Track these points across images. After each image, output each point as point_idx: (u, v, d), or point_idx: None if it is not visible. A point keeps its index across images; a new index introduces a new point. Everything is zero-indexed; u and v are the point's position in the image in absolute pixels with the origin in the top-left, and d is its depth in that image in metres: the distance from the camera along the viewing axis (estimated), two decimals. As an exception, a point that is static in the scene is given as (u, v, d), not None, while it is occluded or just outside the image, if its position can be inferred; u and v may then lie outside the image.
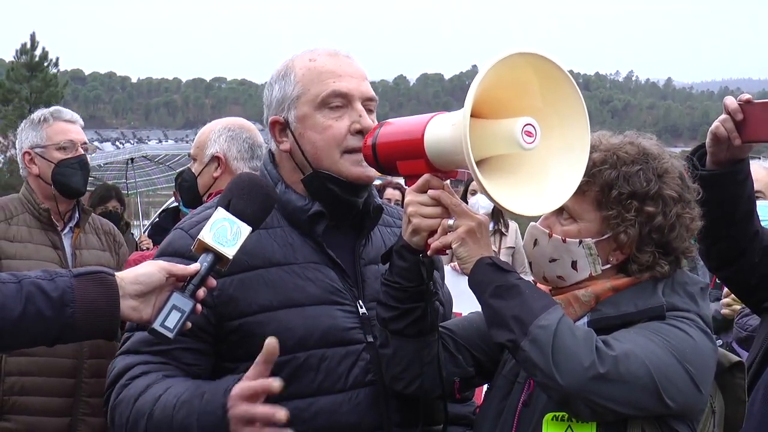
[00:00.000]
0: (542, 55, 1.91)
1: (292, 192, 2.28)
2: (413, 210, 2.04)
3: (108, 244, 3.98)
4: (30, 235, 3.70)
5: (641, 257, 2.06)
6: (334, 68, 2.26)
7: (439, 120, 2.01)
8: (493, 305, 1.95)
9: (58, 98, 31.31)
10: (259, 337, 2.13)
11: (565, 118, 1.97)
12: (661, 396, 1.88)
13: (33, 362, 3.57)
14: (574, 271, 2.09)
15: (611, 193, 2.05)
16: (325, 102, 2.23)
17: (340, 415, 2.15)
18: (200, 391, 1.99)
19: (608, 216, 2.05)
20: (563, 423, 1.98)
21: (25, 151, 3.83)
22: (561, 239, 2.09)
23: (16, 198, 3.83)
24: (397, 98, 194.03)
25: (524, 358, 1.89)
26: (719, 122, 2.58)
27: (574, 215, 2.09)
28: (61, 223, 3.81)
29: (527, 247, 2.17)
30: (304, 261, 2.23)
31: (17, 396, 3.58)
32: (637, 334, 1.94)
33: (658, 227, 2.05)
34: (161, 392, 2.04)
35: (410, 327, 2.11)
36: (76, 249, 3.81)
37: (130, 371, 2.13)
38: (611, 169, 2.06)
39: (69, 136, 3.83)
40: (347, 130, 2.23)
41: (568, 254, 2.08)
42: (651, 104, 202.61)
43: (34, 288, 1.80)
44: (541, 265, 2.13)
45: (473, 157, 1.84)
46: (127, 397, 2.08)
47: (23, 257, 3.59)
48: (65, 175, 3.76)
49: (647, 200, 2.05)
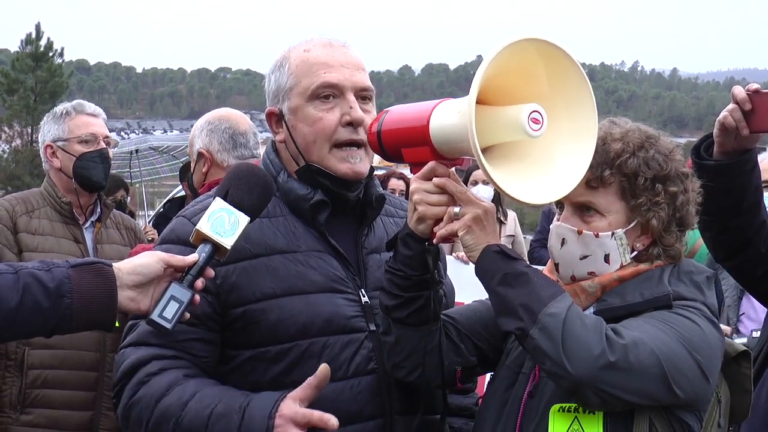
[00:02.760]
0: (550, 42, 1.89)
1: (294, 181, 2.28)
2: (419, 198, 2.02)
3: (129, 239, 4.00)
4: (52, 228, 3.71)
5: (668, 238, 2.06)
6: (326, 59, 2.24)
7: (445, 107, 1.99)
8: (500, 293, 1.93)
9: (63, 88, 31.27)
10: (261, 324, 2.15)
11: (572, 105, 1.95)
12: (670, 385, 1.87)
13: (55, 355, 3.58)
14: (607, 265, 2.06)
15: (638, 180, 2.04)
16: (316, 93, 2.22)
17: (341, 403, 2.14)
18: (237, 404, 2.00)
19: (638, 204, 2.04)
20: (570, 414, 1.97)
21: (47, 145, 3.83)
22: (593, 234, 2.06)
23: (38, 191, 3.84)
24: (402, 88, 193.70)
25: (533, 347, 1.87)
26: (727, 112, 2.57)
27: (601, 210, 2.06)
28: (83, 217, 3.82)
29: (554, 248, 2.12)
30: (307, 249, 2.23)
31: (40, 389, 3.59)
32: (645, 323, 1.93)
33: (681, 205, 2.06)
34: (188, 397, 2.04)
35: (413, 315, 2.10)
36: (98, 243, 3.82)
37: (146, 366, 2.12)
38: (632, 157, 2.04)
39: (91, 129, 3.84)
40: (338, 122, 2.21)
41: (600, 248, 2.06)
42: (656, 94, 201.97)
43: (31, 278, 1.80)
44: (571, 264, 2.09)
45: (479, 145, 1.82)
46: (148, 396, 2.08)
47: (45, 250, 3.60)
48: (86, 168, 3.76)
49: (668, 181, 2.05)
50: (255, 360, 2.17)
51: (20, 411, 3.57)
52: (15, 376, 3.57)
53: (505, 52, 1.84)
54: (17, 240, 3.61)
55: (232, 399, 2.02)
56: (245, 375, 2.17)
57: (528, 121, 1.86)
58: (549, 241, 2.15)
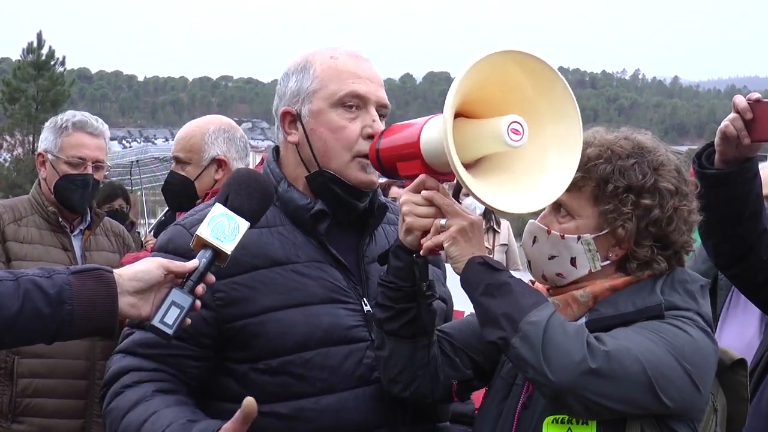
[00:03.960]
0: (522, 52, 1.91)
1: (294, 190, 2.27)
2: (407, 209, 2.04)
3: (118, 245, 3.96)
4: (40, 236, 3.66)
5: (639, 252, 2.04)
6: (354, 69, 2.25)
7: (434, 122, 2.01)
8: (483, 303, 1.94)
9: (64, 97, 31.36)
10: (261, 338, 2.14)
11: (555, 114, 1.97)
12: (656, 393, 1.86)
13: (45, 364, 3.56)
14: (573, 268, 2.07)
15: (607, 187, 2.04)
16: (342, 101, 2.22)
17: (345, 413, 2.14)
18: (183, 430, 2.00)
19: (605, 211, 2.04)
20: (563, 425, 1.96)
21: (39, 152, 3.78)
22: (560, 235, 2.07)
23: (26, 199, 3.78)
24: (403, 96, 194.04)
25: (515, 355, 1.88)
26: (728, 121, 2.59)
27: (571, 212, 2.08)
28: (71, 226, 3.78)
29: (526, 245, 2.16)
30: (307, 260, 2.23)
31: (30, 398, 3.56)
32: (634, 332, 1.92)
33: (655, 220, 2.03)
34: (147, 416, 2.04)
35: (405, 328, 2.10)
36: (87, 251, 3.78)
37: (123, 378, 2.13)
38: (606, 164, 2.04)
39: (82, 152, 3.70)
40: (359, 134, 2.22)
41: (567, 251, 2.07)
42: (658, 102, 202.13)
43: (32, 285, 1.80)
44: (540, 262, 2.12)
45: (462, 158, 1.85)
46: (118, 408, 2.10)
47: (33, 258, 3.55)
48: (66, 190, 3.69)
49: (643, 193, 2.03)
50: (256, 373, 2.16)
51: (11, 420, 3.56)
52: (5, 385, 3.56)
53: (480, 67, 1.86)
54: (5, 248, 3.57)
55: (179, 427, 2.00)
56: (248, 387, 2.15)
57: (507, 131, 1.88)
58: (523, 239, 2.17)
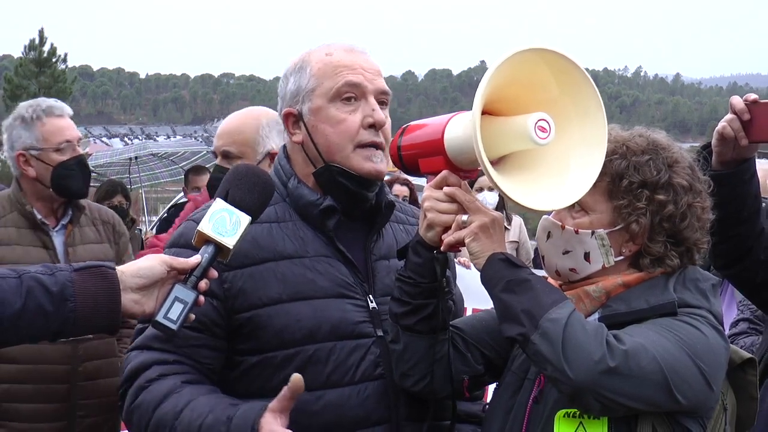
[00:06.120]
0: (554, 51, 1.91)
1: (304, 186, 2.29)
2: (429, 205, 2.06)
3: (106, 234, 3.84)
4: (19, 236, 3.57)
5: (653, 247, 2.05)
6: (349, 63, 2.27)
7: (460, 118, 2.03)
8: (504, 300, 1.95)
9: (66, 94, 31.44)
10: (268, 329, 2.15)
11: (581, 112, 1.97)
12: (671, 392, 1.87)
13: (21, 370, 3.48)
14: (587, 263, 2.08)
15: (622, 182, 2.05)
16: (339, 93, 2.24)
17: (348, 409, 2.15)
18: (225, 415, 2.00)
19: (619, 206, 2.06)
20: (575, 420, 1.98)
21: (19, 153, 3.63)
22: (573, 230, 2.09)
23: (5, 196, 3.69)
24: (405, 94, 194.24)
25: (534, 352, 1.89)
26: (726, 122, 2.59)
27: (586, 207, 2.09)
28: (53, 221, 3.68)
29: (540, 240, 2.17)
30: (315, 254, 2.24)
31: (8, 403, 3.50)
32: (648, 330, 1.93)
33: (669, 216, 2.05)
34: (182, 406, 2.05)
35: (421, 323, 2.12)
36: (70, 246, 3.67)
37: (147, 372, 2.13)
38: (621, 160, 2.06)
39: (65, 135, 3.64)
40: (360, 124, 2.24)
41: (580, 246, 2.08)
42: (659, 100, 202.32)
43: (35, 283, 1.80)
44: (554, 257, 2.13)
45: (487, 156, 1.85)
46: (146, 402, 2.10)
47: (12, 260, 3.40)
48: (66, 178, 3.61)
49: (658, 189, 2.05)
50: (262, 365, 2.17)
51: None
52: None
53: (510, 63, 1.86)
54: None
55: (222, 410, 2.02)
56: (252, 380, 2.17)
57: (534, 129, 1.88)
58: (537, 234, 2.19)
